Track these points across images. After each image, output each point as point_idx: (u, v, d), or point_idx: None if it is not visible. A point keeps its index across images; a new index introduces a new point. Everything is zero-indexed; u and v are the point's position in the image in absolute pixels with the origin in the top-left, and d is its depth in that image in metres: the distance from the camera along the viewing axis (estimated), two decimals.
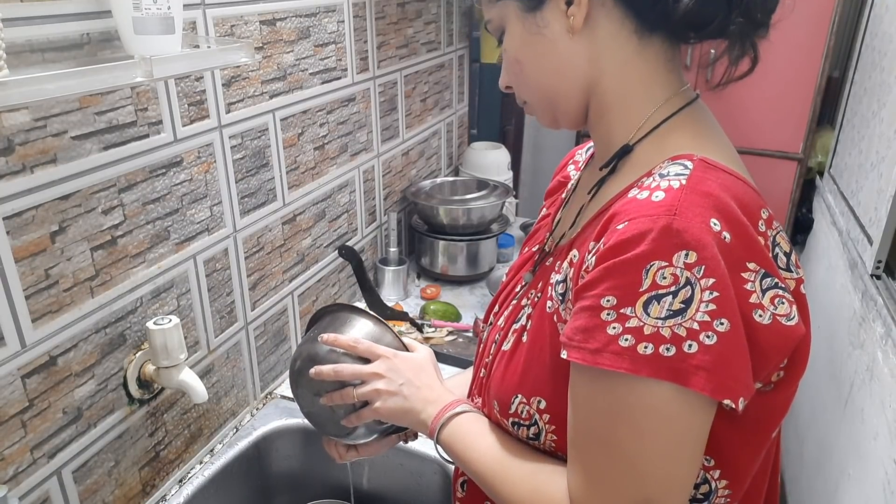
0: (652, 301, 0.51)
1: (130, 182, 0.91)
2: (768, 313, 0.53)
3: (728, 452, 0.59)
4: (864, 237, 1.64)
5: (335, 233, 1.47)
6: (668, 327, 0.51)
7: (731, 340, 0.51)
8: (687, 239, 0.51)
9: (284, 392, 1.33)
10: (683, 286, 0.51)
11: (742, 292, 0.52)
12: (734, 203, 0.54)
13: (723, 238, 0.52)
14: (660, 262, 0.51)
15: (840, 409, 1.62)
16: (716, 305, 0.51)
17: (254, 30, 1.11)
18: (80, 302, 0.86)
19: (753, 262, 0.53)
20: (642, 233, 0.52)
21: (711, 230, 0.52)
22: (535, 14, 0.63)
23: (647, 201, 0.54)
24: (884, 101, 1.67)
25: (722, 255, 0.51)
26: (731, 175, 0.58)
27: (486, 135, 2.35)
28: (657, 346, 0.51)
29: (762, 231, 0.56)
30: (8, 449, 0.80)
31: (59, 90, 0.63)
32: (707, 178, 0.56)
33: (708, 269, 0.51)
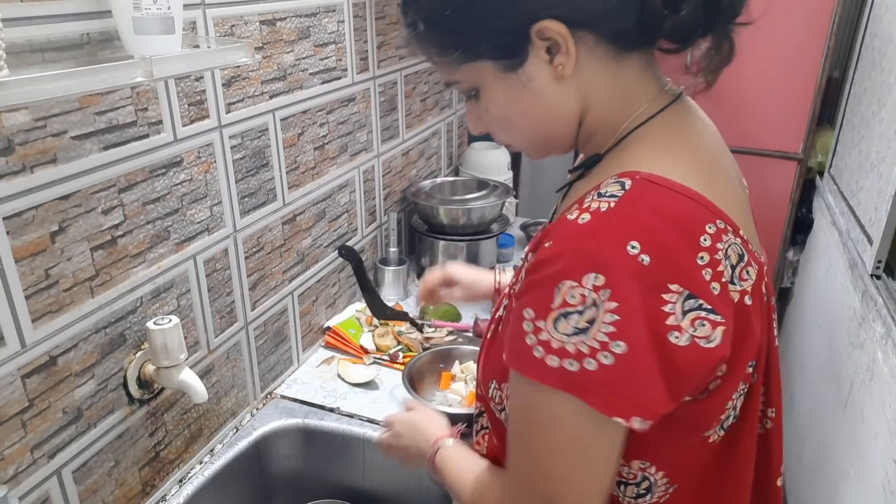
0: (560, 318, 0.55)
1: (130, 182, 0.91)
2: (686, 335, 0.54)
3: (660, 452, 0.64)
4: (864, 237, 1.64)
5: (335, 233, 1.47)
6: (572, 343, 0.54)
7: (628, 363, 0.53)
8: (598, 261, 0.54)
9: (284, 392, 1.33)
10: (590, 306, 0.53)
11: (658, 314, 0.54)
12: (667, 224, 0.55)
13: (640, 261, 0.53)
14: (571, 281, 0.54)
15: (840, 409, 1.62)
16: (615, 328, 0.53)
17: (254, 30, 1.11)
18: (80, 302, 0.86)
19: (676, 283, 0.54)
20: (559, 253, 0.56)
21: (627, 254, 0.53)
22: (518, 71, 0.61)
23: (573, 223, 0.57)
24: (884, 101, 1.67)
25: (638, 277, 0.53)
26: (674, 192, 0.57)
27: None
28: (562, 360, 0.55)
29: (706, 246, 0.56)
30: (8, 449, 0.80)
31: (59, 90, 0.63)
32: (641, 200, 0.56)
33: (613, 293, 0.53)
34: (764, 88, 2.33)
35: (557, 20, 0.58)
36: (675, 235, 0.55)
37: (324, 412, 1.27)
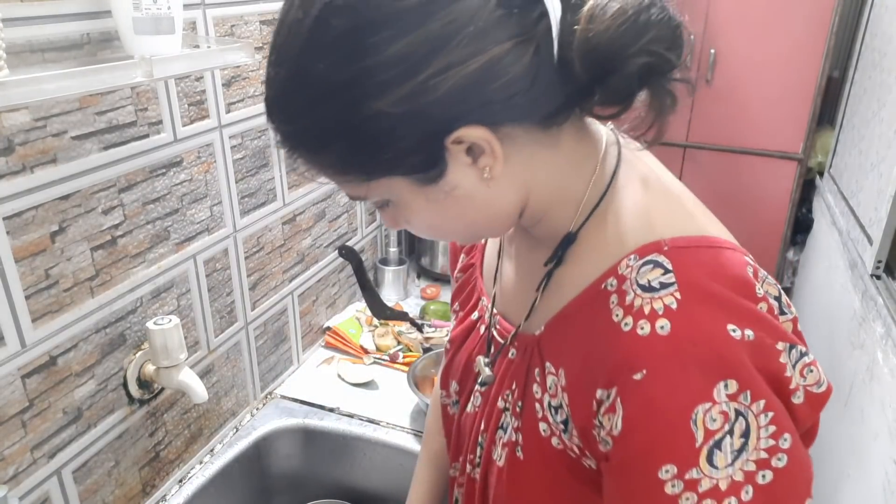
0: (714, 451, 0.45)
1: (130, 182, 0.91)
2: (801, 390, 0.49)
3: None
4: (864, 237, 1.64)
5: (335, 233, 1.47)
6: (739, 470, 0.45)
7: (795, 452, 0.47)
8: (718, 369, 0.46)
9: (284, 392, 1.33)
10: (735, 420, 0.45)
11: (782, 381, 0.48)
12: (728, 287, 0.48)
13: (746, 340, 0.46)
14: (703, 405, 0.45)
15: (840, 409, 1.62)
16: (775, 426, 0.46)
17: (254, 30, 1.11)
18: (80, 302, 0.86)
19: (780, 341, 0.48)
20: (671, 385, 0.46)
21: (734, 341, 0.46)
22: (438, 182, 0.51)
23: (652, 336, 0.47)
24: (884, 101, 1.67)
25: (753, 357, 0.46)
26: (704, 248, 0.51)
27: None
28: (739, 495, 0.45)
29: (760, 296, 0.50)
30: (8, 449, 0.80)
31: (59, 90, 0.63)
32: (692, 273, 0.49)
33: (754, 392, 0.46)
34: (764, 88, 2.33)
35: (477, 125, 0.49)
36: (741, 295, 0.49)
37: (324, 412, 1.27)
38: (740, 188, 2.40)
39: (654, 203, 0.55)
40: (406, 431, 1.22)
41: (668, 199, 0.57)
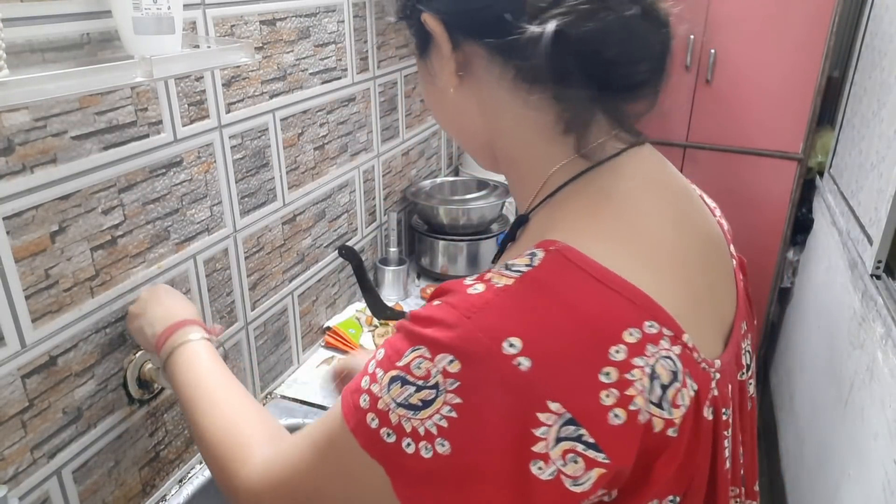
0: (397, 381, 0.47)
1: (130, 182, 0.91)
2: (552, 468, 0.43)
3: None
4: (864, 237, 1.64)
5: (335, 233, 1.47)
6: (396, 414, 0.47)
7: (445, 467, 0.45)
8: (460, 347, 0.45)
9: (284, 392, 1.33)
10: (430, 387, 0.45)
11: (525, 434, 0.43)
12: (571, 322, 0.45)
13: (514, 364, 0.43)
14: (426, 351, 0.46)
15: (840, 409, 1.62)
16: (447, 424, 0.45)
17: (254, 30, 1.11)
18: (80, 302, 0.86)
19: (558, 401, 0.43)
20: (432, 317, 0.48)
21: (499, 352, 0.44)
22: (426, 61, 0.58)
23: (464, 290, 0.48)
24: (884, 101, 1.67)
25: (507, 384, 0.43)
26: (593, 279, 0.46)
27: None
28: (381, 426, 0.47)
29: (617, 360, 0.44)
30: (8, 449, 0.80)
31: (59, 90, 0.63)
32: (546, 283, 0.46)
33: (462, 388, 0.44)
34: (764, 88, 2.33)
35: (434, 15, 0.53)
36: (577, 339, 0.44)
37: (324, 412, 1.27)
38: (740, 188, 2.40)
39: (591, 215, 0.52)
40: None
41: (610, 221, 0.51)
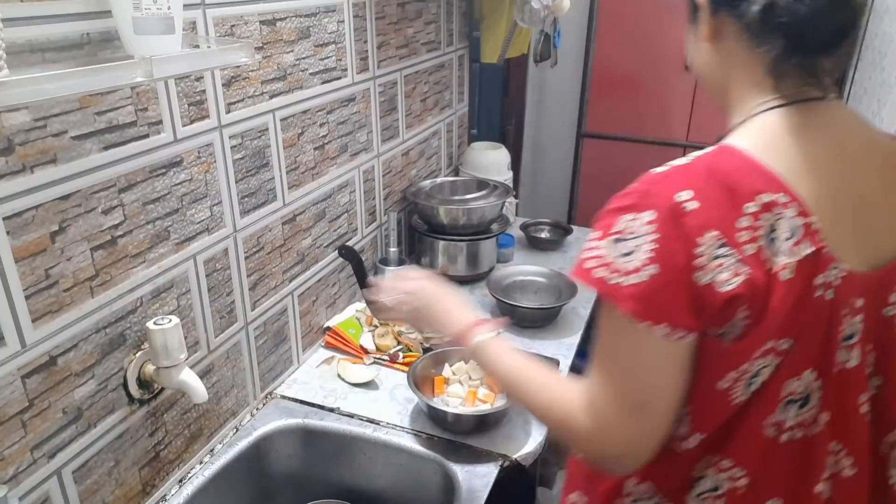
0: (616, 241, 0.68)
1: (130, 182, 0.91)
2: (708, 276, 0.64)
3: (691, 392, 0.71)
4: None
5: (335, 233, 1.47)
6: (620, 262, 0.67)
7: (658, 282, 0.65)
8: (654, 202, 0.67)
9: (284, 392, 1.33)
10: (640, 236, 0.66)
11: (690, 254, 0.65)
12: (717, 183, 0.67)
13: (683, 207, 0.65)
14: (630, 215, 0.68)
15: None
16: (654, 254, 0.65)
17: (254, 30, 1.11)
18: (80, 302, 0.86)
19: (716, 230, 0.64)
20: (631, 192, 0.69)
21: (674, 201, 0.66)
22: (694, 25, 0.78)
23: (654, 172, 0.70)
24: (884, 101, 1.67)
25: (681, 220, 0.65)
26: (741, 160, 0.68)
27: (486, 135, 2.35)
28: (610, 273, 0.68)
29: (750, 212, 0.65)
30: (8, 449, 0.80)
31: (59, 90, 0.63)
32: (709, 160, 0.70)
33: (658, 229, 0.66)
34: None
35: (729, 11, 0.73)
36: (722, 194, 0.66)
37: (324, 412, 1.27)
38: None
39: (769, 134, 0.71)
40: (406, 431, 1.22)
41: (781, 140, 0.71)
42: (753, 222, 0.65)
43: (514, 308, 1.56)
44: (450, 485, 1.13)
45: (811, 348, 0.70)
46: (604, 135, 2.57)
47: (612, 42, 2.51)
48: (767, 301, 0.65)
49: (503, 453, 1.17)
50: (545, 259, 1.95)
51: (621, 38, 2.50)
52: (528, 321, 1.57)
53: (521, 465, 1.17)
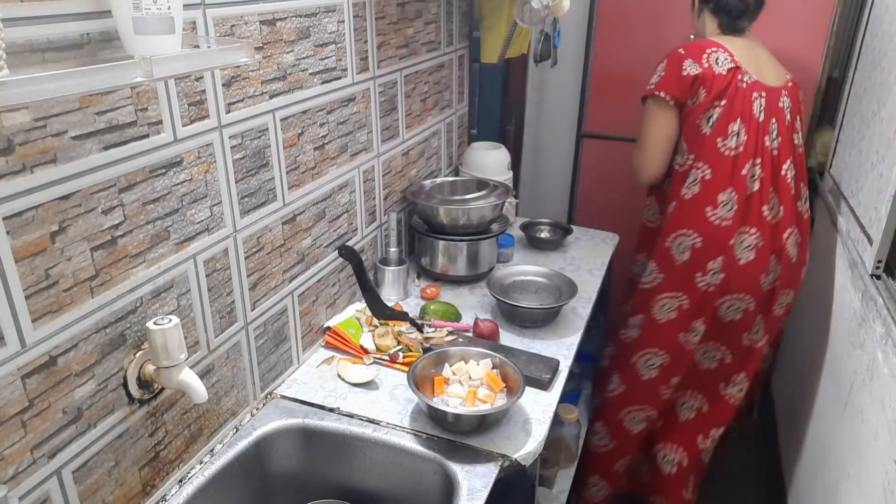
0: (661, 65, 1.78)
1: (130, 182, 0.91)
2: (684, 71, 1.71)
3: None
4: (864, 237, 1.64)
5: (335, 233, 1.47)
6: (656, 76, 1.78)
7: (662, 75, 1.75)
8: (672, 52, 1.75)
9: (284, 392, 1.33)
10: (664, 62, 1.77)
11: (680, 64, 1.72)
12: (693, 47, 1.72)
13: (679, 52, 1.73)
14: (666, 60, 1.77)
15: (840, 409, 1.62)
16: (667, 65, 1.75)
17: (254, 30, 1.11)
18: (80, 302, 0.86)
19: (690, 59, 1.71)
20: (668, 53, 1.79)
21: (677, 51, 1.74)
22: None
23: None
24: (884, 101, 1.67)
25: (678, 56, 1.72)
26: (710, 41, 1.74)
27: (486, 135, 2.35)
28: (651, 81, 1.78)
29: (706, 54, 1.71)
30: (8, 449, 0.80)
31: (59, 90, 0.63)
32: (693, 42, 1.75)
33: (668, 61, 1.76)
34: None
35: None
36: (696, 50, 1.70)
37: (324, 412, 1.27)
38: None
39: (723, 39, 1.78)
40: (406, 431, 1.22)
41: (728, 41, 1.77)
42: (708, 56, 1.69)
43: (514, 308, 1.56)
44: (450, 485, 1.13)
45: (737, 107, 1.69)
46: (604, 135, 2.57)
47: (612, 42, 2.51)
48: (712, 82, 1.68)
49: (503, 453, 1.17)
50: (545, 259, 1.95)
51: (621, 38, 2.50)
52: (528, 321, 1.57)
53: (521, 465, 1.17)
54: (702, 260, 1.74)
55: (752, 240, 1.72)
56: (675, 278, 1.78)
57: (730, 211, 1.70)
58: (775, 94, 1.72)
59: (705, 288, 1.75)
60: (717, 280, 1.74)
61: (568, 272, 1.77)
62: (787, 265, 1.75)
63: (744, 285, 1.74)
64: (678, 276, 1.78)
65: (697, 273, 1.75)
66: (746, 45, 1.75)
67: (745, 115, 1.68)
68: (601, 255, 1.99)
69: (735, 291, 1.75)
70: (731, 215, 1.70)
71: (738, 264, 1.73)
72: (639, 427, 1.95)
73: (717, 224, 1.71)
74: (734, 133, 1.68)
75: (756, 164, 1.70)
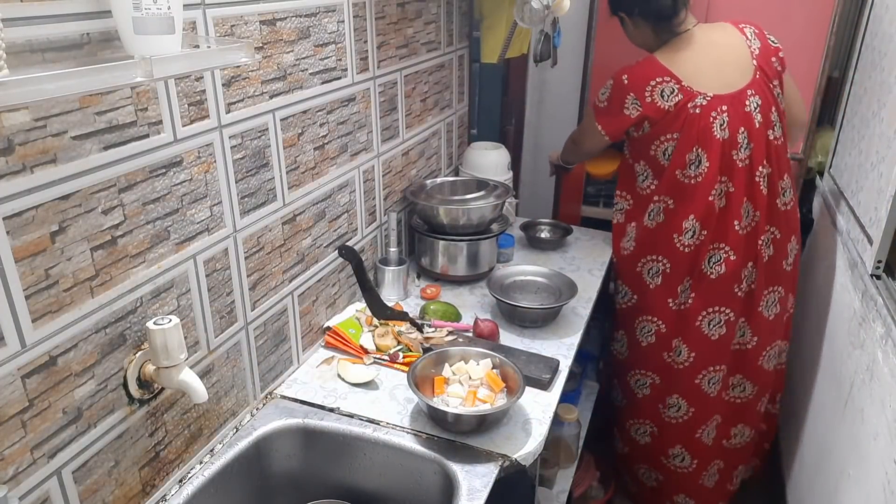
0: (604, 91, 1.74)
1: (130, 182, 0.91)
2: (628, 110, 1.68)
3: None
4: (864, 237, 1.64)
5: (335, 233, 1.47)
6: (600, 101, 1.76)
7: (603, 109, 1.74)
8: (615, 77, 1.70)
9: (284, 392, 1.33)
10: (608, 90, 1.72)
11: (623, 100, 1.67)
12: (637, 75, 1.66)
13: (623, 80, 1.66)
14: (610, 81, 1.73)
15: (840, 409, 1.62)
16: (610, 95, 1.71)
17: (254, 30, 1.11)
18: (80, 302, 0.86)
19: (632, 93, 1.66)
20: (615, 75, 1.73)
21: (621, 78, 1.68)
22: (623, 25, 1.78)
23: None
24: (884, 101, 1.67)
25: (622, 85, 1.67)
26: (650, 65, 1.66)
27: (486, 135, 2.35)
28: (597, 104, 1.76)
29: (650, 87, 1.64)
30: (8, 449, 0.80)
31: (59, 90, 0.63)
32: (637, 65, 1.68)
33: (611, 87, 1.71)
34: None
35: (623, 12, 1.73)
36: (639, 81, 1.64)
37: (324, 412, 1.27)
38: None
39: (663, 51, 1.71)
40: (406, 431, 1.22)
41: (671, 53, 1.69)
42: (651, 91, 1.63)
43: (514, 308, 1.56)
44: (450, 485, 1.13)
45: (692, 136, 1.64)
46: None
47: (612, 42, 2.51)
48: (656, 118, 1.64)
49: (503, 453, 1.17)
50: (545, 259, 1.95)
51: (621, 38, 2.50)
52: (528, 321, 1.57)
53: (521, 465, 1.17)
54: (672, 284, 1.77)
55: (721, 254, 1.72)
56: (648, 302, 1.82)
57: (693, 238, 1.71)
58: (739, 99, 1.64)
59: (677, 308, 1.78)
60: (689, 300, 1.76)
61: (568, 272, 1.77)
62: (762, 266, 1.76)
63: (716, 299, 1.75)
64: (650, 299, 1.82)
65: (669, 298, 1.78)
66: (696, 50, 1.64)
67: (704, 141, 1.63)
68: (601, 255, 1.99)
69: (710, 306, 1.76)
70: (695, 242, 1.71)
71: (708, 279, 1.74)
72: (644, 440, 2.00)
73: (683, 250, 1.73)
74: (692, 162, 1.65)
75: (722, 183, 1.67)
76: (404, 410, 1.27)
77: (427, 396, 1.25)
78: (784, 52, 1.76)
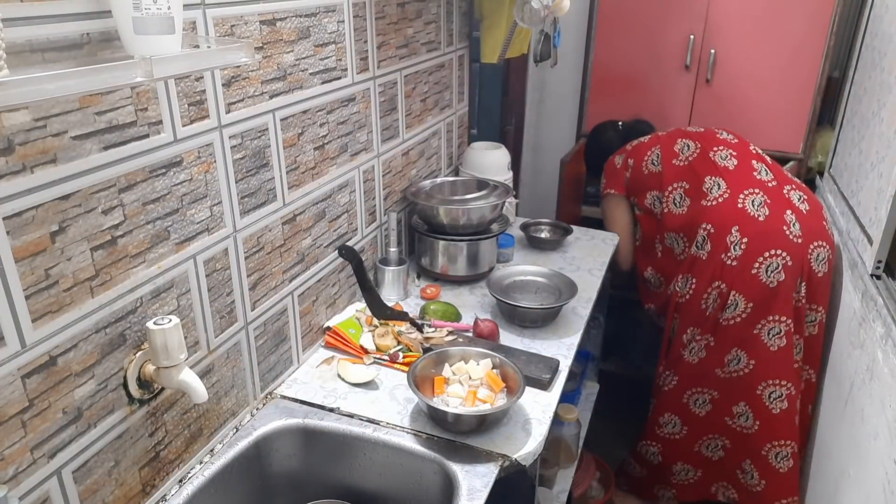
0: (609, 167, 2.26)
1: (130, 182, 0.91)
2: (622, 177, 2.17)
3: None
4: (864, 237, 1.64)
5: (335, 233, 1.47)
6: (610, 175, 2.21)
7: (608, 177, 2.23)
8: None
9: (284, 392, 1.33)
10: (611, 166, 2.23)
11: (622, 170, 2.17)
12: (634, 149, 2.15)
13: (615, 163, 2.20)
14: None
15: (840, 409, 1.62)
16: (609, 173, 2.22)
17: (254, 30, 1.11)
18: (80, 302, 0.86)
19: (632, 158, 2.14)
20: None
21: (613, 160, 2.21)
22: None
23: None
24: (884, 101, 1.67)
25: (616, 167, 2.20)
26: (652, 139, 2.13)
27: (486, 135, 2.35)
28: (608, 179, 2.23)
29: (647, 157, 2.09)
30: (8, 449, 0.80)
31: (59, 90, 0.63)
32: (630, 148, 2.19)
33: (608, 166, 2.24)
34: (764, 88, 2.33)
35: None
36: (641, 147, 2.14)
37: (324, 412, 1.27)
38: None
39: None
40: (406, 431, 1.22)
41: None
42: (645, 160, 2.08)
43: (514, 308, 1.56)
44: (450, 485, 1.13)
45: (699, 173, 1.95)
46: None
47: (612, 42, 2.51)
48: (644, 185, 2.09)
49: (503, 453, 1.17)
50: (545, 259, 1.95)
51: (621, 38, 2.50)
52: (528, 321, 1.57)
53: (521, 465, 1.17)
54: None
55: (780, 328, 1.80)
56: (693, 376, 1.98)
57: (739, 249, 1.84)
58: (744, 146, 2.00)
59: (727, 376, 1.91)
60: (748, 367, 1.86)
61: (568, 272, 1.77)
62: (812, 282, 1.83)
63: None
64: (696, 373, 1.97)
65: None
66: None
67: (714, 171, 1.93)
68: (601, 255, 1.99)
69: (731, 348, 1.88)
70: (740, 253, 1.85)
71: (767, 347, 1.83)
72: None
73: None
74: (710, 187, 1.91)
75: (756, 194, 1.85)
76: (404, 410, 1.27)
77: (427, 396, 1.25)
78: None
